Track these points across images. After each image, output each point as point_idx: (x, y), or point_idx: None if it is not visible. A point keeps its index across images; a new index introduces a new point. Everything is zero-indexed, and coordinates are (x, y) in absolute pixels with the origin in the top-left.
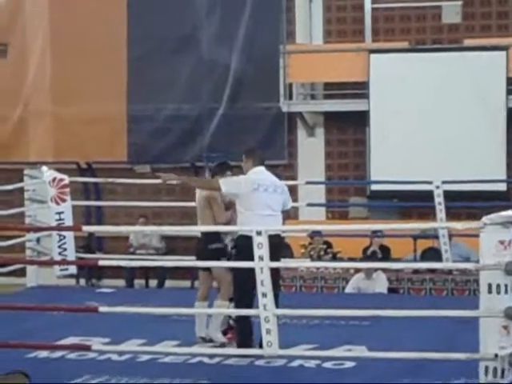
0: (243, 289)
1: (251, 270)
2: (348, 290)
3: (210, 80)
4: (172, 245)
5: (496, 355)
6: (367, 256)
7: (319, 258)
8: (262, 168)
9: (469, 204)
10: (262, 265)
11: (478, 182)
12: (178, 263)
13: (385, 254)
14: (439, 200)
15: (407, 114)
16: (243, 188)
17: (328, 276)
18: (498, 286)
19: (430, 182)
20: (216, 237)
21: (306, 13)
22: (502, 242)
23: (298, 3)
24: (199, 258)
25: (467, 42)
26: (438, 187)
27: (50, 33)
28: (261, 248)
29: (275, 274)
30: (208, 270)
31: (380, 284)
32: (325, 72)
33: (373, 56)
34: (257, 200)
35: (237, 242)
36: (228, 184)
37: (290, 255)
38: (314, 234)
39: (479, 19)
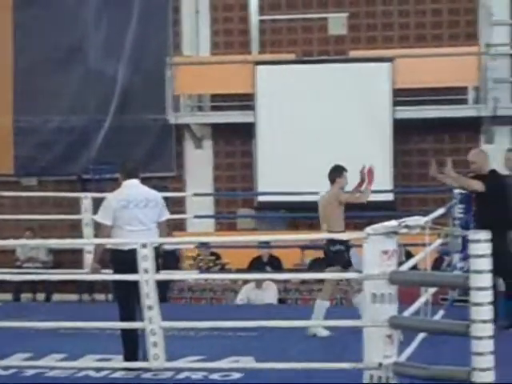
0: (126, 302)
1: (131, 284)
2: (238, 300)
3: (97, 91)
4: (59, 258)
5: (380, 364)
6: (257, 266)
7: (208, 270)
8: (133, 181)
9: (355, 214)
10: (146, 277)
11: None
12: (65, 277)
13: (275, 264)
14: None
15: (294, 125)
16: (113, 207)
17: (216, 287)
18: (382, 295)
19: (316, 193)
20: (337, 239)
21: (193, 25)
22: (385, 252)
23: (184, 15)
24: (326, 259)
25: (353, 54)
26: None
27: None
28: (146, 260)
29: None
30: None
31: (270, 294)
32: (212, 84)
33: (259, 68)
34: (127, 216)
35: (111, 256)
36: (100, 214)
37: (179, 267)
38: (202, 246)
39: (365, 31)
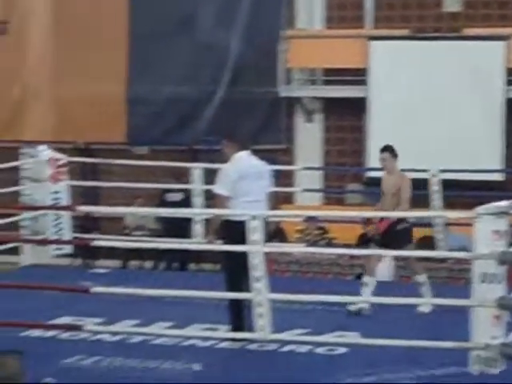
0: (234, 273)
1: (241, 255)
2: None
3: (210, 63)
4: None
5: (487, 345)
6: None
7: (315, 244)
8: (246, 153)
9: (464, 193)
10: (256, 249)
11: (475, 172)
12: (173, 245)
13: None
14: (436, 188)
15: (405, 101)
16: (232, 178)
17: (323, 261)
18: (492, 275)
19: (426, 171)
20: (402, 219)
21: None
22: (496, 232)
23: None
24: (388, 237)
25: (467, 31)
26: (434, 175)
27: (51, 11)
28: (255, 232)
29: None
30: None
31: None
32: (324, 58)
33: (373, 43)
34: (243, 187)
35: (225, 227)
36: (219, 185)
37: (284, 240)
38: (310, 220)
39: (480, 8)
